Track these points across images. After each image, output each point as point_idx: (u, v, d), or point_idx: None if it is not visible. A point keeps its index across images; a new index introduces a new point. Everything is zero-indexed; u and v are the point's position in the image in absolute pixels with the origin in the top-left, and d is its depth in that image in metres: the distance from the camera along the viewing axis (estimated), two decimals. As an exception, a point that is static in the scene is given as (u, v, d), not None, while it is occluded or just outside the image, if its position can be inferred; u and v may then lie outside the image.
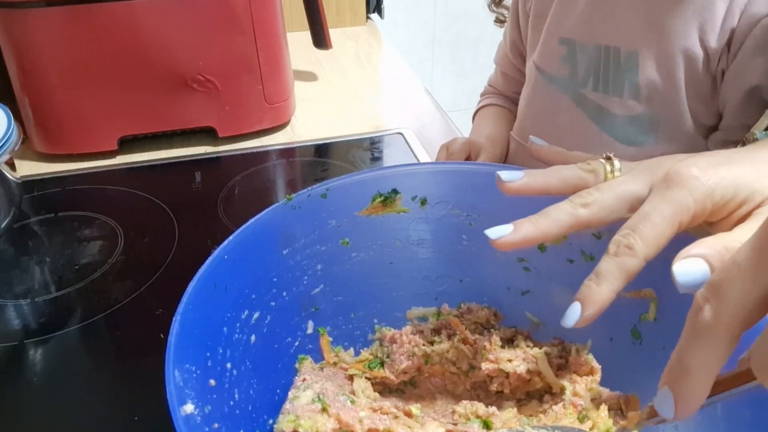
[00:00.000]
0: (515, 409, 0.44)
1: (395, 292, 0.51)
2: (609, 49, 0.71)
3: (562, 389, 0.43)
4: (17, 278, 0.68)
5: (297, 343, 0.47)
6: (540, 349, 0.46)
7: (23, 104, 0.85)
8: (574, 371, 0.44)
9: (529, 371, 0.45)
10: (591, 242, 0.45)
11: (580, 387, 0.43)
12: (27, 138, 0.87)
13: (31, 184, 0.82)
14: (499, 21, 0.98)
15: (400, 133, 0.92)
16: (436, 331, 0.49)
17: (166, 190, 0.80)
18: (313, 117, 0.99)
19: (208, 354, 0.38)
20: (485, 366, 0.45)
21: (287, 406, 0.42)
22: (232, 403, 0.39)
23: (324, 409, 0.40)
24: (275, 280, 0.45)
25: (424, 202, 0.49)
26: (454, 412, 0.45)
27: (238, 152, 0.90)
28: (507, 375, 0.46)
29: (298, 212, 0.46)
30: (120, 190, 0.82)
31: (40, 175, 0.85)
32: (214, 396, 0.37)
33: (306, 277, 0.48)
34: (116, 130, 0.88)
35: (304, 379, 0.44)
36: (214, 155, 0.89)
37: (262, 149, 0.91)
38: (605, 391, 0.42)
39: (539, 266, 0.49)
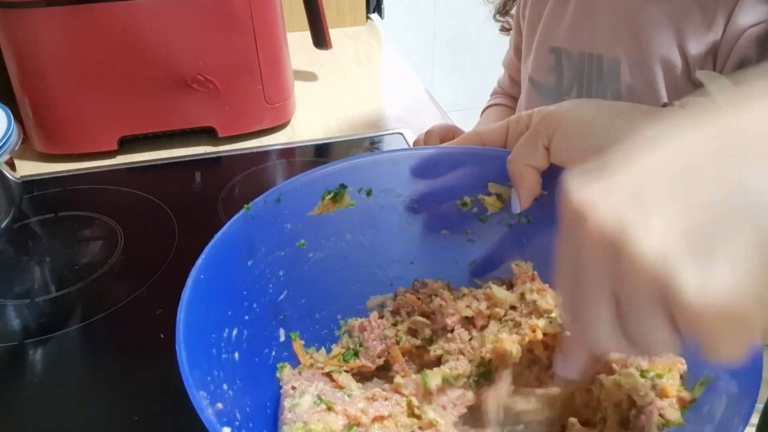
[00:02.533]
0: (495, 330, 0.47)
1: (353, 285, 0.52)
2: (592, 57, 0.70)
3: (523, 296, 0.47)
4: (17, 278, 0.68)
5: (273, 353, 0.47)
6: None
7: (23, 104, 0.85)
8: (522, 283, 0.49)
9: (487, 306, 0.49)
10: (530, 207, 0.49)
11: (534, 285, 0.47)
12: (27, 138, 0.87)
13: (31, 184, 0.82)
14: (505, 29, 0.98)
15: (400, 133, 0.92)
16: (396, 313, 0.52)
17: (166, 190, 0.80)
18: (313, 117, 0.99)
19: (209, 378, 0.38)
20: (450, 320, 0.49)
21: (288, 415, 0.41)
22: (237, 423, 0.39)
23: (330, 408, 0.41)
24: (245, 293, 0.45)
25: (369, 192, 0.51)
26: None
27: (238, 152, 0.90)
28: (471, 320, 0.49)
29: (256, 221, 0.46)
30: (120, 190, 0.82)
31: (40, 175, 0.85)
32: (225, 419, 0.37)
33: (271, 285, 0.48)
34: (116, 130, 0.88)
35: (293, 387, 0.44)
36: (214, 155, 0.89)
37: (262, 149, 0.91)
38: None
39: (482, 236, 0.52)
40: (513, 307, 0.48)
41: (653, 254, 0.26)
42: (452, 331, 0.49)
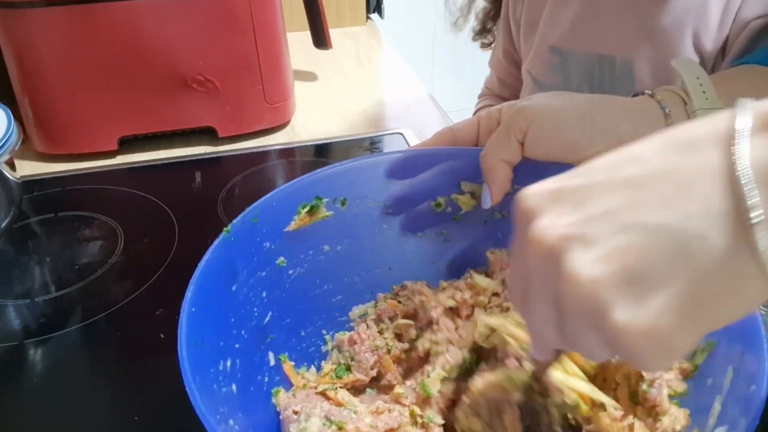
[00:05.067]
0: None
1: (334, 297, 0.52)
2: (603, 58, 0.70)
3: (504, 282, 0.48)
4: (17, 278, 0.68)
5: (266, 379, 0.47)
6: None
7: (23, 104, 0.85)
8: (500, 270, 0.49)
9: (471, 296, 0.49)
10: (502, 202, 0.49)
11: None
12: (27, 138, 0.87)
13: (31, 184, 0.82)
14: (485, 45, 0.98)
15: (400, 133, 0.92)
16: (379, 320, 0.51)
17: (166, 190, 0.80)
18: (313, 117, 0.99)
19: (218, 417, 0.37)
20: (434, 313, 0.49)
21: None
22: None
23: (341, 428, 0.40)
24: (233, 320, 0.44)
25: (344, 202, 0.50)
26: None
27: (238, 152, 0.90)
28: (455, 310, 0.49)
29: (236, 243, 0.45)
30: (120, 190, 0.82)
31: (40, 175, 0.85)
32: None
33: (256, 309, 0.47)
34: (116, 130, 0.88)
35: (295, 411, 0.43)
36: (214, 155, 0.89)
37: (262, 149, 0.91)
38: None
39: (458, 235, 0.52)
40: (495, 294, 0.49)
41: (588, 281, 0.26)
42: (437, 323, 0.49)
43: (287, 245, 0.49)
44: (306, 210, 0.49)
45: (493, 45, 0.95)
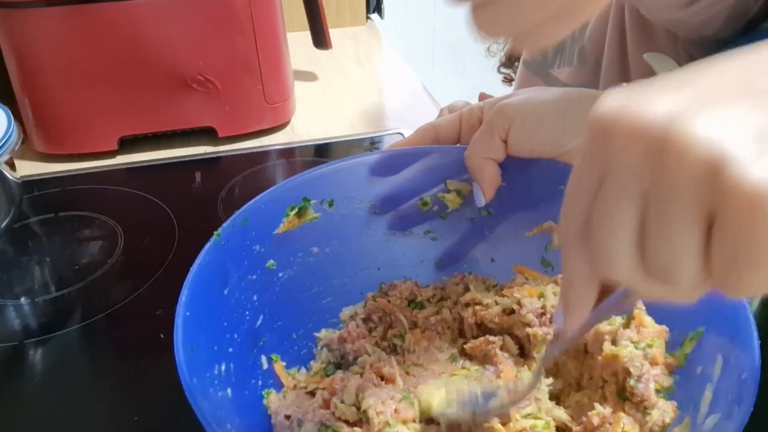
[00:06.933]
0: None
1: (325, 299, 0.52)
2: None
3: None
4: (17, 278, 0.68)
5: (260, 383, 0.47)
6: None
7: (23, 104, 0.85)
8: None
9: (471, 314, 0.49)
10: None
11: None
12: (27, 138, 0.87)
13: (31, 184, 0.82)
14: (507, 80, 0.98)
15: (400, 133, 0.92)
16: (368, 320, 0.51)
17: (166, 190, 0.80)
18: (313, 117, 0.99)
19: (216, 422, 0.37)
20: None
21: None
22: None
23: None
24: (225, 324, 0.44)
25: (331, 203, 0.50)
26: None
27: (238, 152, 0.90)
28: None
29: (227, 247, 0.45)
30: (120, 190, 0.82)
31: (40, 175, 0.85)
32: None
33: (247, 312, 0.47)
34: (116, 130, 0.88)
35: (287, 416, 0.43)
36: (214, 155, 0.89)
37: (262, 149, 0.91)
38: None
39: (445, 233, 0.53)
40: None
41: (706, 139, 0.22)
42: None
43: (277, 248, 0.49)
44: (294, 212, 0.49)
45: (513, 83, 0.96)
